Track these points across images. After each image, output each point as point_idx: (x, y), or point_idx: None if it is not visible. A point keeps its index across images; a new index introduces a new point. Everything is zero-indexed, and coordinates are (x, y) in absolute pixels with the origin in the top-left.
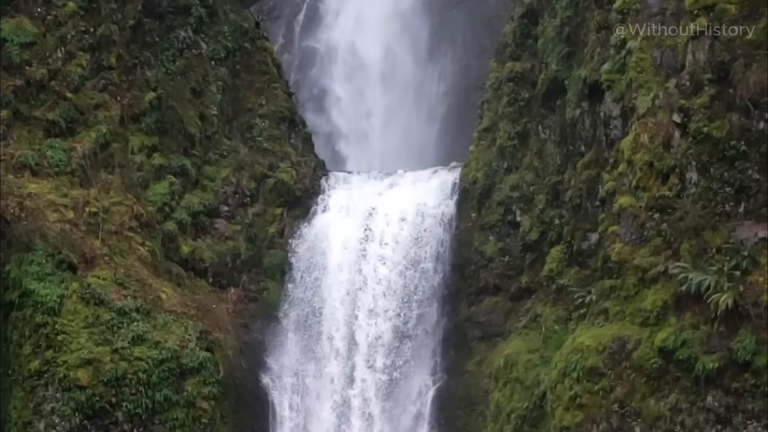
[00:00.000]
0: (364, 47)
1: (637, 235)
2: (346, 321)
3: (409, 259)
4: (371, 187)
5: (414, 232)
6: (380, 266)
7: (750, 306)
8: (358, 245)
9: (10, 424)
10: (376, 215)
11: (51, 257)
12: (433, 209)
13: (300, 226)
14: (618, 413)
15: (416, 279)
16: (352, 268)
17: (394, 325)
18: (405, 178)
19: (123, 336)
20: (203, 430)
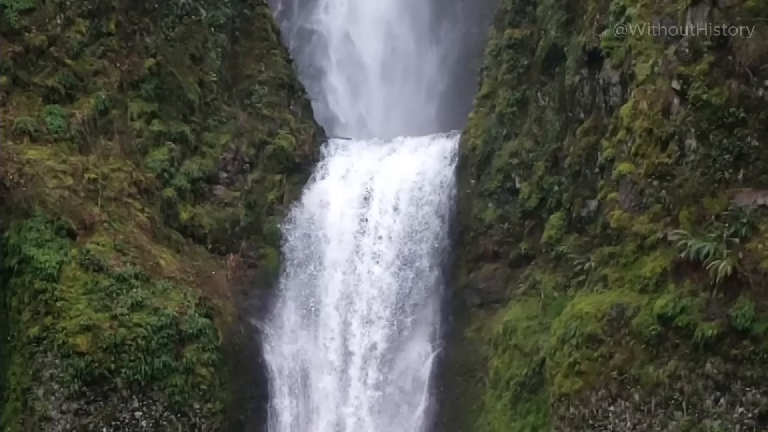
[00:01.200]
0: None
1: (637, 202)
2: (344, 292)
3: (408, 227)
4: (370, 154)
5: (413, 199)
6: (379, 239)
7: (749, 273)
8: (357, 212)
9: (9, 390)
10: (376, 182)
11: (50, 223)
12: (432, 176)
13: (299, 192)
14: (617, 380)
15: (414, 248)
16: (351, 240)
17: (394, 293)
18: (404, 145)
19: (122, 302)
20: (202, 396)
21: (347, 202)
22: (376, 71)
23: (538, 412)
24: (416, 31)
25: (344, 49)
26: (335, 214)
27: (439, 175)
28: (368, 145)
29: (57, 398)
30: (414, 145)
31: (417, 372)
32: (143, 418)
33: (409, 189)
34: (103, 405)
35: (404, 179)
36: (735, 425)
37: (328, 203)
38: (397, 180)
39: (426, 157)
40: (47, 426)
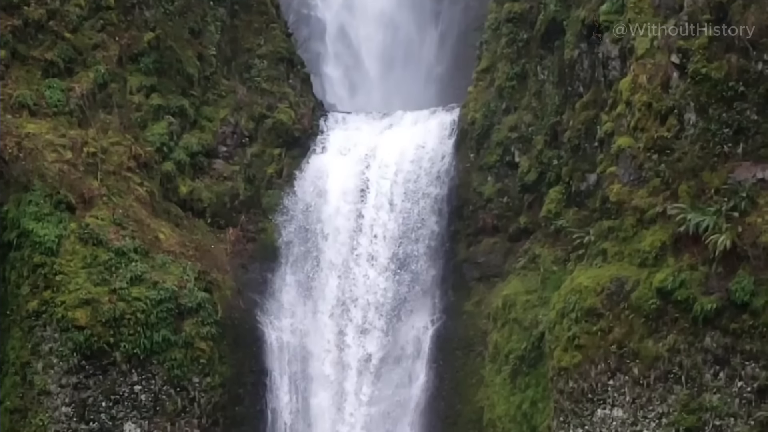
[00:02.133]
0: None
1: (636, 175)
2: (343, 263)
3: (407, 199)
4: (370, 128)
5: (412, 172)
6: (379, 212)
7: (748, 247)
8: (356, 185)
9: (8, 364)
10: (375, 155)
11: (49, 197)
12: (432, 150)
13: (298, 166)
14: (616, 354)
15: (413, 223)
16: (350, 213)
17: (393, 270)
18: (404, 118)
19: (121, 276)
20: (201, 370)
21: (346, 175)
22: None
23: (538, 386)
24: (416, 10)
25: (342, 36)
26: (335, 188)
27: (439, 148)
28: (367, 118)
29: (56, 372)
30: (413, 118)
31: (416, 346)
32: (142, 392)
33: (409, 163)
34: (103, 379)
35: (403, 153)
36: (734, 399)
37: (327, 177)
38: (397, 154)
39: (425, 131)
40: (46, 400)
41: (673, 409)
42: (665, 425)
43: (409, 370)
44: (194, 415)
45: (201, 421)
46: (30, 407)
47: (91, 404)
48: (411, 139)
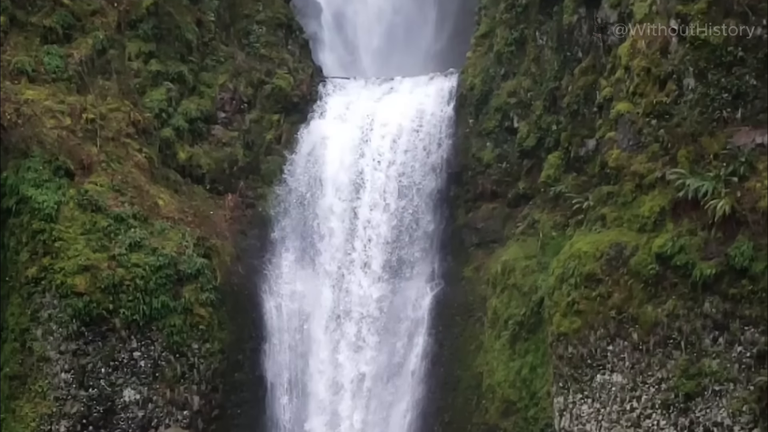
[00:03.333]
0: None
1: (635, 141)
2: (344, 230)
3: (406, 164)
4: (369, 93)
5: (410, 138)
6: (378, 173)
7: (747, 212)
8: (355, 152)
9: (7, 330)
10: (374, 121)
11: (48, 164)
12: (430, 115)
13: (297, 132)
14: (615, 319)
15: (413, 187)
16: (350, 172)
17: (391, 245)
18: (403, 84)
19: (120, 242)
20: (200, 336)
21: (345, 141)
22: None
23: (537, 352)
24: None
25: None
26: (333, 154)
27: (437, 114)
28: (366, 84)
29: (55, 338)
30: (412, 84)
31: (416, 312)
32: (142, 359)
33: (407, 128)
34: (102, 345)
35: (402, 119)
36: (733, 364)
37: (326, 143)
38: (395, 120)
39: (424, 97)
40: (46, 366)
41: (672, 374)
42: (664, 390)
43: (409, 336)
44: (193, 381)
45: (200, 387)
46: (29, 373)
47: (91, 370)
48: (410, 105)
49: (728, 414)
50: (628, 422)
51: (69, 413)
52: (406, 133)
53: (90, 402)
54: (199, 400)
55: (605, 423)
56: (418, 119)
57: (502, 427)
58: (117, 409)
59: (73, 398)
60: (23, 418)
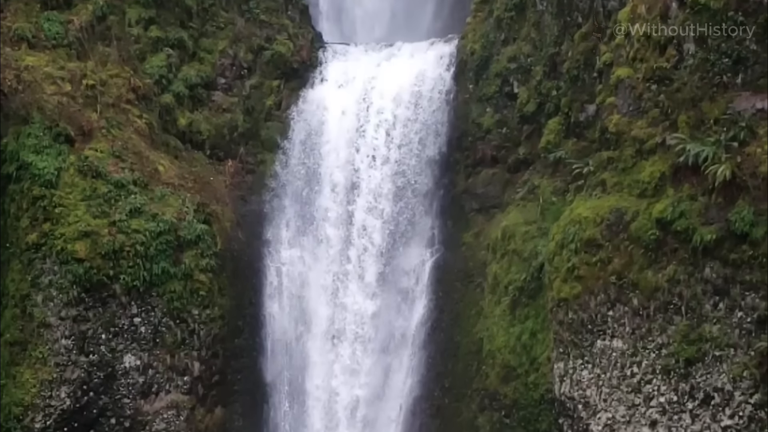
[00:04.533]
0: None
1: (635, 106)
2: (344, 185)
3: (406, 131)
4: (368, 59)
5: (410, 103)
6: (378, 140)
7: (748, 177)
8: (355, 116)
9: (8, 296)
10: (374, 87)
11: (48, 130)
12: (430, 81)
13: (297, 97)
14: (616, 285)
15: (413, 153)
16: (351, 139)
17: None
18: (403, 49)
19: (120, 208)
20: (201, 302)
21: (345, 107)
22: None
23: (537, 317)
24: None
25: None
26: (333, 119)
27: (437, 80)
28: (366, 50)
29: (56, 304)
30: (412, 50)
31: (416, 278)
32: (142, 324)
33: (407, 94)
34: (102, 311)
35: (402, 84)
36: (734, 329)
37: (326, 108)
38: (395, 85)
39: (424, 62)
40: (46, 332)
41: (672, 339)
42: (665, 356)
43: (409, 301)
44: (194, 347)
45: (200, 353)
46: (30, 339)
47: (91, 336)
48: (409, 70)
49: (729, 379)
50: (628, 388)
51: (69, 379)
52: (406, 99)
53: (90, 368)
54: (199, 366)
55: (605, 388)
56: (419, 85)
57: (502, 393)
58: (117, 375)
59: (74, 364)
60: (24, 384)
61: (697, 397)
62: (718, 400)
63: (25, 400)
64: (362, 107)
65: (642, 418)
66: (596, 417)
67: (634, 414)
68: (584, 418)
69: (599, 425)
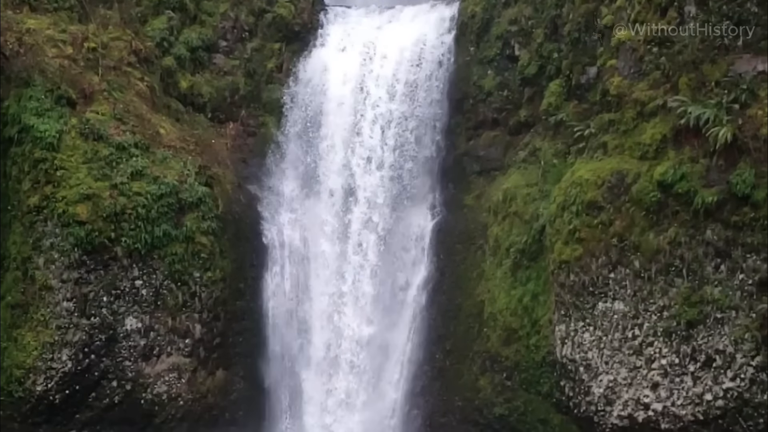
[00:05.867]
0: None
1: (636, 68)
2: (344, 157)
3: (407, 94)
4: (369, 22)
5: (411, 66)
6: (378, 102)
7: (749, 139)
8: (357, 80)
9: (9, 259)
10: (375, 49)
11: (50, 93)
12: (432, 43)
13: (298, 60)
14: (617, 247)
15: (414, 115)
16: (351, 102)
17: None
18: (404, 12)
19: (122, 171)
20: (202, 264)
21: (346, 69)
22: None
23: (538, 280)
24: None
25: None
26: (335, 82)
27: (438, 42)
28: (367, 13)
29: (57, 267)
30: (413, 13)
31: (417, 240)
32: (143, 287)
33: (408, 57)
34: (104, 274)
35: (403, 47)
36: (735, 292)
37: (328, 71)
38: (396, 48)
39: (425, 25)
40: (48, 295)
41: (674, 302)
42: (666, 318)
43: (410, 264)
44: (195, 310)
45: (202, 316)
46: (31, 302)
47: (92, 299)
48: (411, 33)
49: (730, 341)
50: (629, 350)
51: (71, 341)
52: (407, 61)
53: (92, 330)
54: (200, 329)
55: (607, 351)
56: (420, 47)
57: (504, 355)
58: (119, 338)
59: (75, 327)
60: (25, 346)
61: (699, 359)
62: (719, 362)
63: (26, 363)
64: (363, 71)
65: (643, 381)
66: (598, 379)
67: (635, 376)
68: (586, 380)
69: (601, 387)
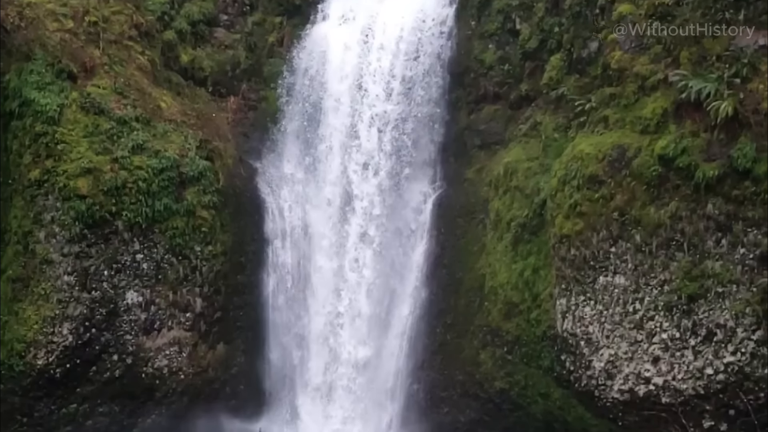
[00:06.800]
0: None
1: (637, 42)
2: (346, 124)
3: (408, 67)
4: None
5: (412, 40)
6: (378, 78)
7: (750, 113)
8: (357, 52)
9: (10, 233)
10: (376, 23)
11: (51, 66)
12: (433, 17)
13: (299, 34)
14: (618, 221)
15: (415, 88)
16: (351, 81)
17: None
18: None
19: (123, 145)
20: (203, 238)
21: (347, 43)
22: None
23: (539, 254)
24: None
25: None
26: (335, 56)
27: (439, 16)
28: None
29: (58, 241)
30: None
31: (418, 214)
32: (144, 261)
33: (409, 30)
34: (105, 248)
35: (404, 21)
36: (736, 266)
37: (328, 45)
38: (398, 22)
39: None
40: (48, 269)
41: (675, 276)
42: (667, 292)
43: (411, 237)
44: (196, 284)
45: (203, 290)
46: (32, 276)
47: (93, 273)
48: (412, 6)
49: (731, 316)
50: (630, 324)
51: (72, 315)
52: (408, 34)
53: (93, 304)
54: (201, 302)
55: (608, 325)
56: (421, 20)
57: (505, 329)
58: (120, 312)
59: (76, 300)
60: (26, 320)
61: (700, 333)
62: (720, 336)
63: (27, 337)
64: (364, 44)
65: (644, 355)
66: (598, 353)
67: (636, 350)
68: (586, 354)
69: (601, 362)
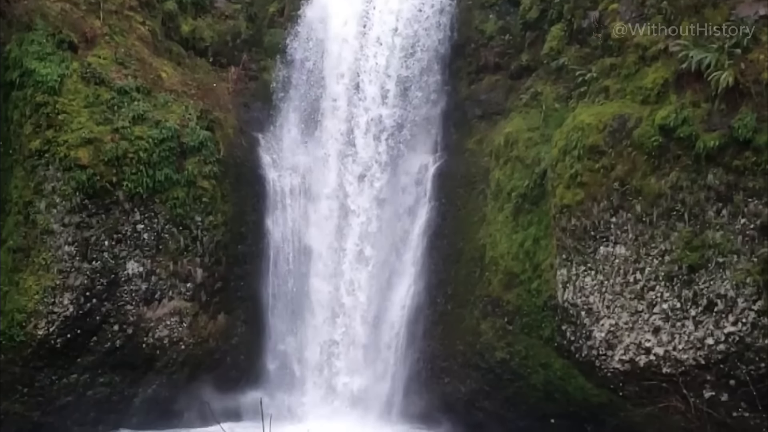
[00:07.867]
0: None
1: (638, 13)
2: (347, 99)
3: (409, 37)
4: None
5: (413, 10)
6: (382, 37)
7: (751, 83)
8: (358, 22)
9: (10, 203)
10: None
11: (51, 37)
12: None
13: (300, 4)
14: (619, 191)
15: (416, 59)
16: (353, 51)
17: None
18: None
19: (123, 115)
20: (204, 208)
21: (348, 13)
22: None
23: (540, 224)
24: None
25: None
26: (336, 26)
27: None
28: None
29: (59, 211)
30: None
31: (418, 184)
32: (145, 231)
33: (410, 3)
34: (105, 218)
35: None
36: (737, 236)
37: (329, 15)
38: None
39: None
40: (49, 239)
41: (675, 246)
42: (668, 262)
43: (411, 208)
44: (197, 254)
45: (203, 260)
46: (33, 246)
47: (94, 243)
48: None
49: (732, 286)
50: (631, 294)
51: (72, 286)
52: (408, 5)
53: (93, 274)
54: (202, 273)
55: (608, 295)
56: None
57: (505, 299)
58: (120, 282)
59: (77, 271)
60: (27, 290)
61: (700, 303)
62: (721, 306)
63: (27, 307)
64: (365, 14)
65: (645, 325)
66: (599, 323)
67: (637, 320)
68: (587, 324)
69: (602, 332)
